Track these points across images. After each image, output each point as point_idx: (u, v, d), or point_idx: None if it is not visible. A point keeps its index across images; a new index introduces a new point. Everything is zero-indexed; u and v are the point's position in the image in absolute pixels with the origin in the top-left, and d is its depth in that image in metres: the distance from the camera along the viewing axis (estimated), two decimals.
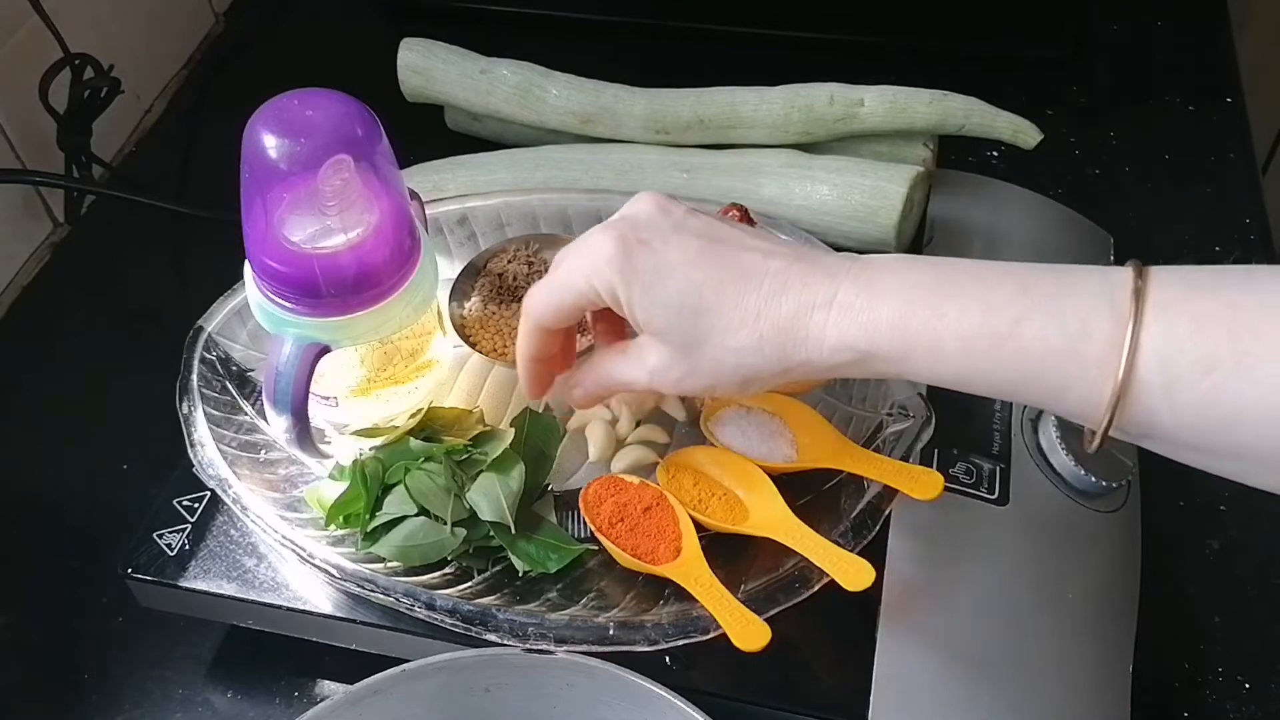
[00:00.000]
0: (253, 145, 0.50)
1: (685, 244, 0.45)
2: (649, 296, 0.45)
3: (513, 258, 0.66)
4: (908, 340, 0.41)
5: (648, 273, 0.44)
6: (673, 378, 0.47)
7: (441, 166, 0.75)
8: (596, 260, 0.45)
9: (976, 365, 0.40)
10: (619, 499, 0.55)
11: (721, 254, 0.44)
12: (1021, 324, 0.39)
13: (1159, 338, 0.37)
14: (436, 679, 0.50)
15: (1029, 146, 0.70)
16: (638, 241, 0.45)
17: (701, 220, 0.46)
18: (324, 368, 0.55)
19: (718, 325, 0.44)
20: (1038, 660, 0.52)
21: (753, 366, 0.44)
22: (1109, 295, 0.38)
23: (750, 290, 0.43)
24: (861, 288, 0.42)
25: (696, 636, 0.50)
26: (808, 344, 0.43)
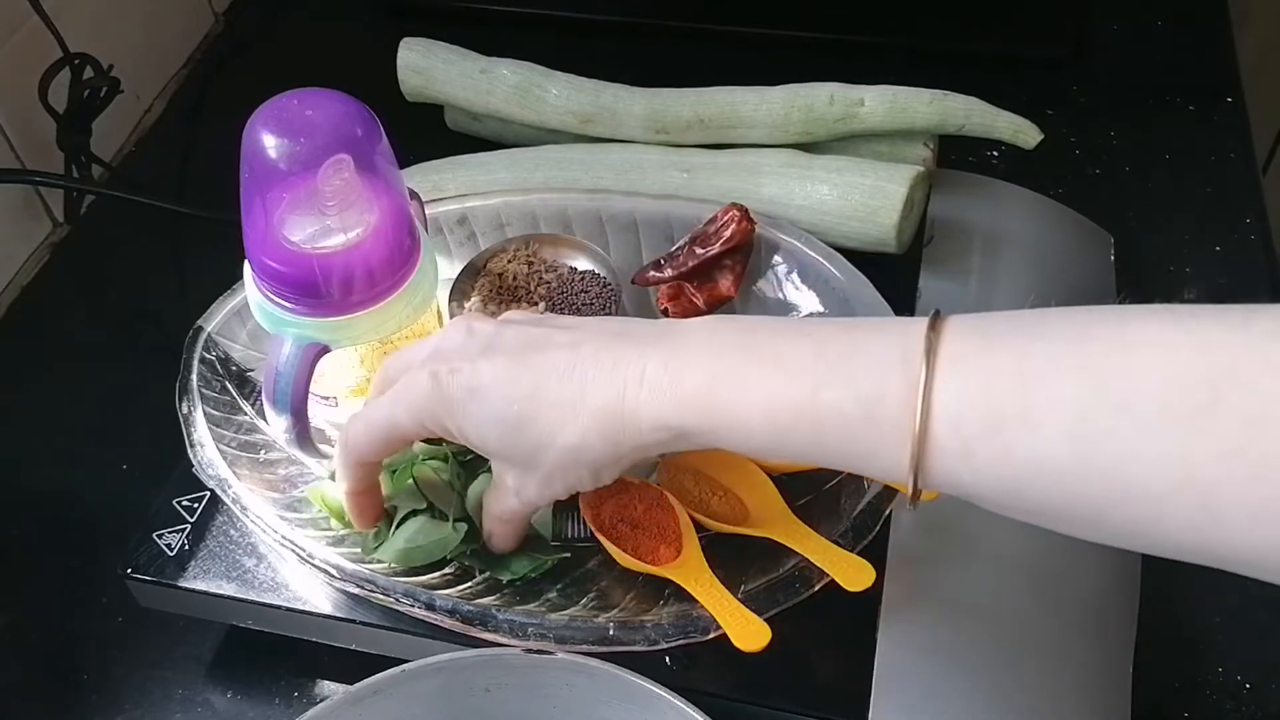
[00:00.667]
0: (252, 145, 0.50)
1: (494, 363, 0.45)
2: (473, 423, 0.46)
3: (513, 258, 0.66)
4: (715, 417, 0.41)
5: (465, 401, 0.45)
6: (532, 491, 0.48)
7: (441, 166, 0.75)
8: (416, 398, 0.46)
9: (783, 438, 0.40)
10: (619, 499, 0.55)
11: (530, 361, 0.45)
12: (817, 393, 0.39)
13: (950, 398, 0.37)
14: (436, 679, 0.50)
15: (1029, 146, 0.70)
16: (449, 372, 0.46)
17: (513, 330, 0.47)
18: (324, 368, 0.55)
19: (544, 431, 0.44)
20: (1038, 660, 0.52)
21: (592, 459, 0.45)
22: (901, 354, 0.38)
23: (564, 386, 0.44)
24: (669, 358, 0.42)
25: (696, 636, 0.50)
26: (627, 429, 0.43)
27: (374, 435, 0.49)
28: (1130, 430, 0.33)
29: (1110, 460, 0.34)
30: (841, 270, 0.62)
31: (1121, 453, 0.34)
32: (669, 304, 0.65)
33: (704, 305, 0.64)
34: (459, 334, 0.48)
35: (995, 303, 0.65)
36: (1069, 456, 0.35)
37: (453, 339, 0.48)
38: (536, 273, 0.66)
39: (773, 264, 0.65)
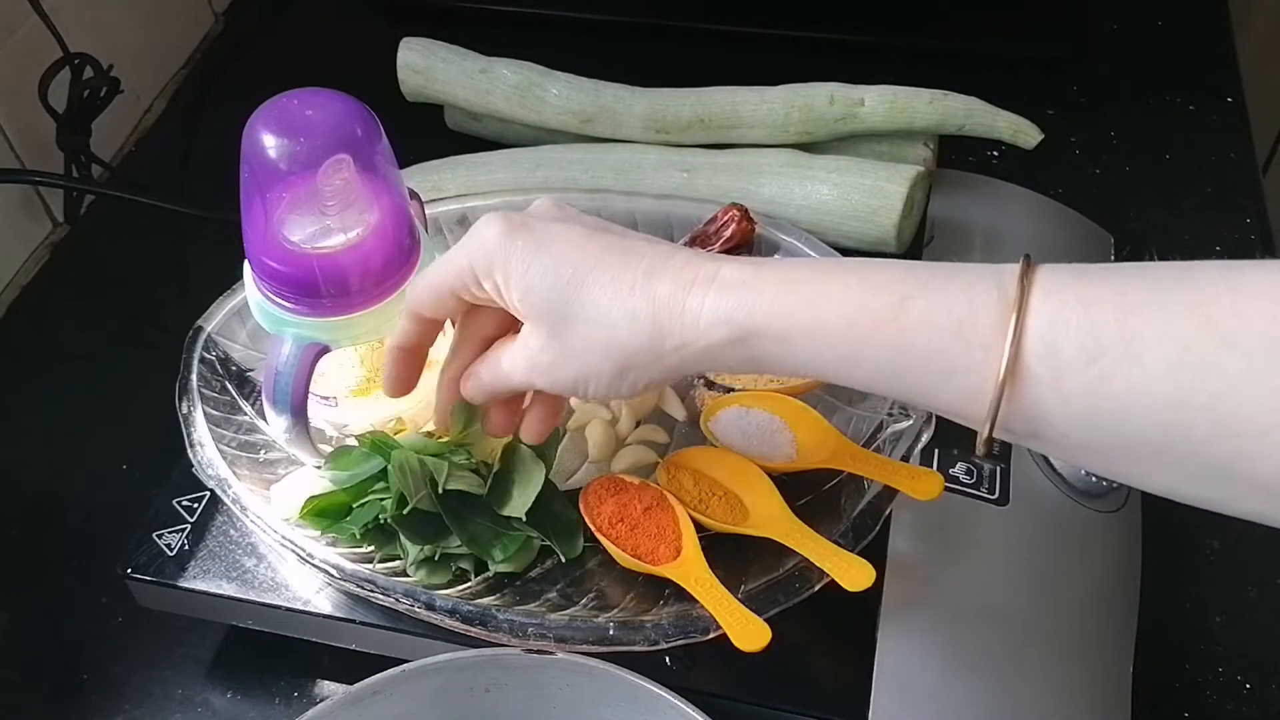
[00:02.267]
0: (252, 145, 0.50)
1: (568, 229, 0.44)
2: (524, 272, 0.43)
3: None
4: (790, 318, 0.39)
5: (526, 250, 0.43)
6: (545, 363, 0.45)
7: (441, 166, 0.75)
8: (478, 240, 0.45)
9: (860, 347, 0.38)
10: (619, 499, 0.55)
11: (603, 238, 0.43)
12: (907, 303, 0.38)
13: (1045, 322, 0.36)
14: (436, 679, 0.50)
15: (1029, 146, 0.70)
16: (522, 225, 0.44)
17: (595, 220, 0.45)
18: (324, 368, 0.55)
19: (589, 299, 0.42)
20: (1038, 660, 0.52)
21: (624, 346, 0.42)
22: (997, 280, 0.37)
23: (628, 267, 0.42)
24: (745, 268, 0.41)
25: (696, 636, 0.50)
26: (684, 320, 0.41)
27: (434, 282, 0.47)
28: (1237, 365, 0.33)
29: (1213, 394, 0.33)
30: None
31: (1225, 387, 0.33)
32: None
33: None
34: (546, 202, 0.47)
35: None
36: (1170, 389, 0.34)
37: (539, 204, 0.47)
38: None
39: None
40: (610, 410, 0.61)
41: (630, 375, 0.43)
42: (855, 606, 0.50)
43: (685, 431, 0.60)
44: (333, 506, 0.55)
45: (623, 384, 0.44)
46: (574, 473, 0.59)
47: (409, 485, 0.53)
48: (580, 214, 0.46)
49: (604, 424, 0.60)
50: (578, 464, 0.60)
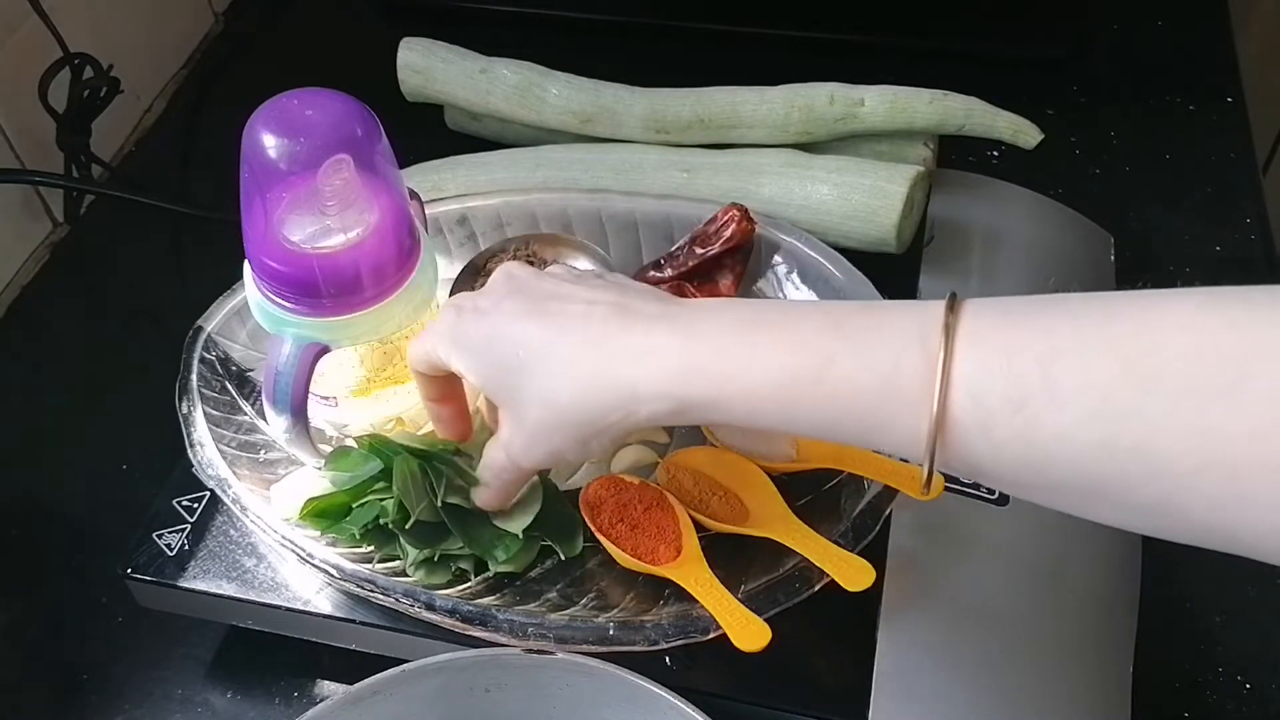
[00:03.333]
0: (252, 145, 0.50)
1: (514, 306, 0.45)
2: (477, 361, 0.46)
3: (512, 257, 0.66)
4: (721, 387, 0.40)
5: (475, 339, 0.46)
6: (517, 446, 0.47)
7: (441, 166, 0.75)
8: (436, 331, 0.48)
9: (793, 409, 0.39)
10: (619, 499, 0.55)
11: (546, 309, 0.45)
12: (832, 365, 0.38)
13: (970, 373, 0.36)
14: (436, 679, 0.50)
15: (1029, 146, 0.70)
16: (472, 310, 0.47)
17: (548, 283, 0.46)
18: (324, 368, 0.55)
19: (536, 381, 0.44)
20: (1038, 660, 0.52)
21: (575, 422, 0.44)
22: (919, 330, 0.37)
23: (566, 341, 0.43)
24: (677, 331, 0.42)
25: (696, 636, 0.50)
26: (621, 394, 0.42)
27: (413, 357, 0.51)
28: (1158, 408, 0.33)
29: (1137, 438, 0.33)
30: (841, 270, 0.62)
31: (1148, 430, 0.33)
32: None
33: None
34: (500, 275, 0.48)
35: None
36: (1094, 433, 0.34)
37: (494, 278, 0.48)
38: None
39: (773, 264, 0.65)
40: None
41: (593, 442, 0.45)
42: (855, 606, 0.50)
43: (685, 431, 0.60)
44: (333, 507, 0.55)
45: (590, 449, 0.46)
46: (574, 473, 0.59)
47: (410, 498, 0.53)
48: (531, 277, 0.47)
49: None
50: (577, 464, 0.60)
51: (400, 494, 0.53)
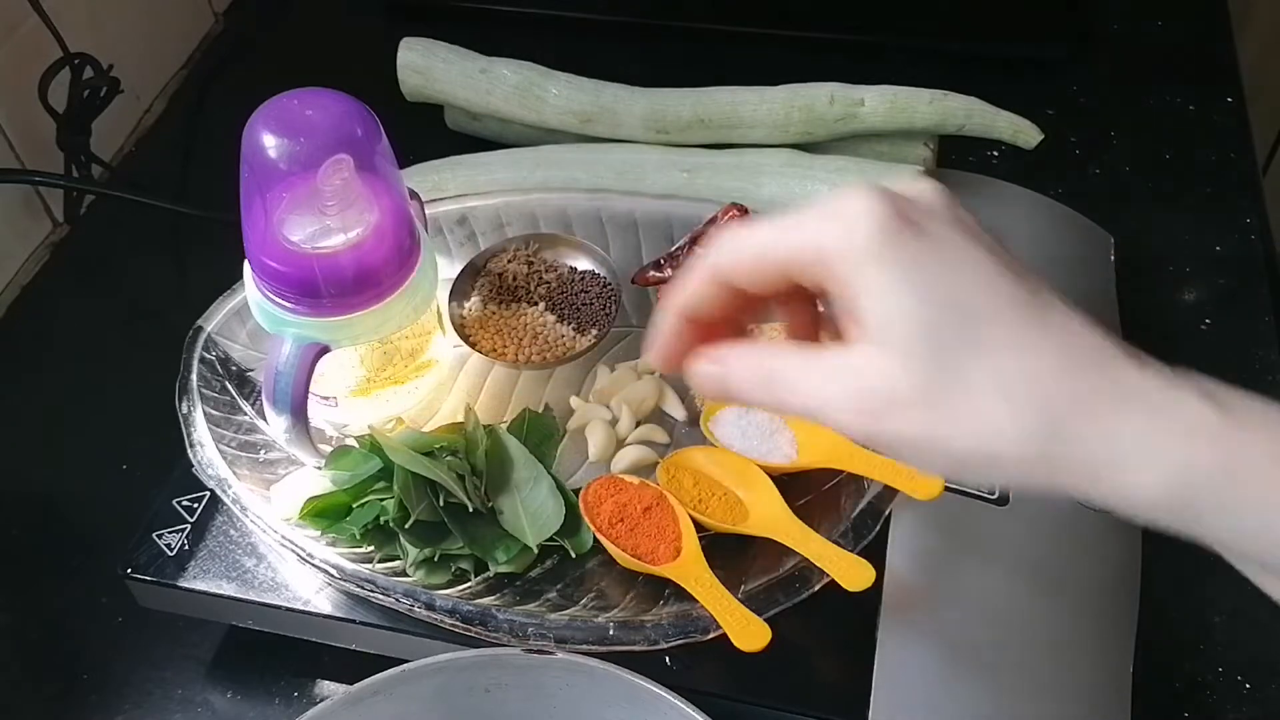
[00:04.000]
0: (252, 145, 0.50)
1: (970, 245, 0.33)
2: (897, 293, 0.32)
3: (513, 258, 0.66)
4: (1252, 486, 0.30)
5: (912, 259, 0.32)
6: (892, 415, 0.32)
7: (441, 166, 0.75)
8: (842, 222, 0.32)
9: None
10: (619, 499, 0.55)
11: (1010, 280, 0.32)
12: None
13: None
14: (436, 679, 0.50)
15: (1029, 146, 0.70)
16: (912, 223, 0.32)
17: (994, 242, 0.33)
18: (324, 368, 0.55)
19: (976, 366, 0.31)
20: (1038, 660, 0.52)
21: (998, 446, 0.31)
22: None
23: (1039, 335, 0.31)
24: (1209, 407, 0.31)
25: (696, 636, 0.50)
26: (1094, 446, 0.30)
27: (754, 245, 0.35)
28: None
29: None
30: None
31: None
32: None
33: None
34: (933, 191, 0.34)
35: None
36: None
37: (924, 190, 0.34)
38: (536, 273, 0.66)
39: None
40: (610, 410, 0.61)
41: (995, 471, 0.32)
42: (855, 606, 0.50)
43: (685, 431, 0.60)
44: (333, 507, 0.55)
45: (968, 472, 0.33)
46: (574, 473, 0.59)
47: (410, 497, 0.53)
48: (977, 225, 0.34)
49: (604, 424, 0.60)
50: (578, 464, 0.60)
51: (400, 494, 0.53)
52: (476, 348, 0.63)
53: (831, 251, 0.33)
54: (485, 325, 0.64)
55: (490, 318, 0.64)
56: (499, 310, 0.64)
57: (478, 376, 0.64)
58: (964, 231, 0.33)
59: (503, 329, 0.63)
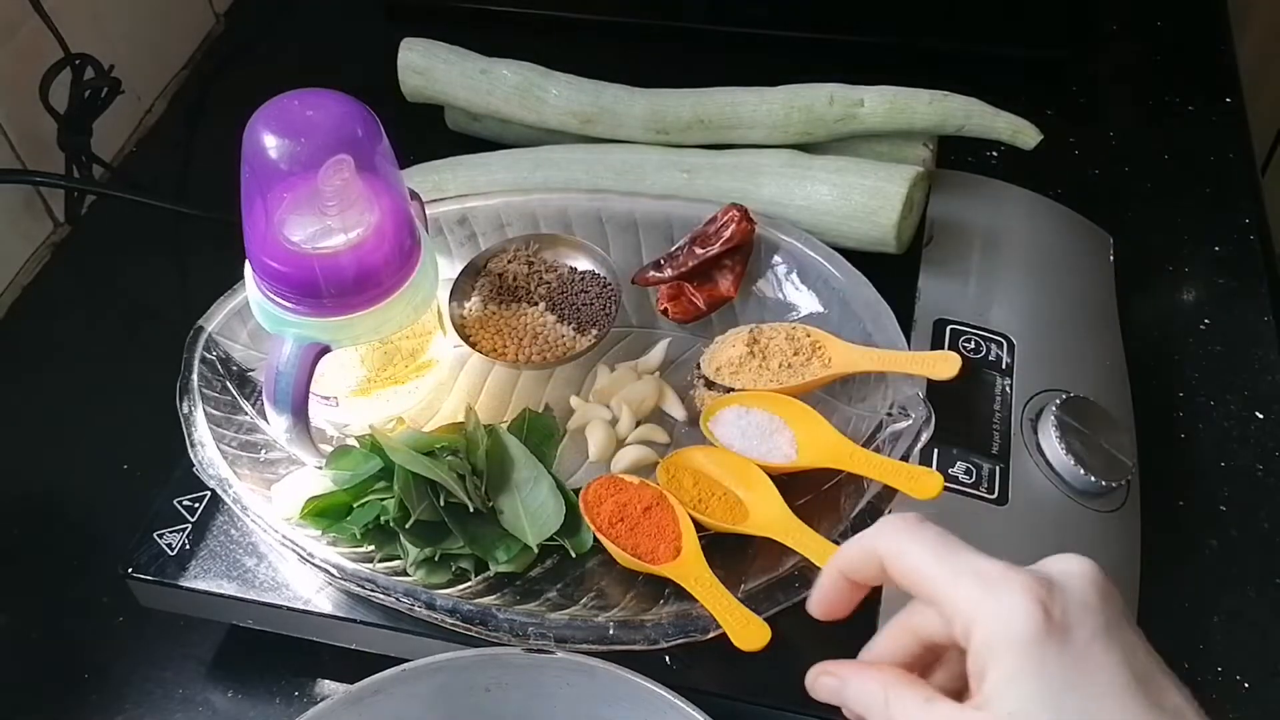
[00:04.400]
0: (253, 145, 0.50)
1: (1110, 657, 0.35)
2: (1037, 699, 0.34)
3: (513, 258, 0.66)
4: None
5: (1053, 673, 0.34)
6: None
7: (441, 166, 0.75)
8: (1005, 613, 0.35)
9: None
10: (619, 498, 0.55)
11: (1150, 684, 0.35)
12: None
13: None
14: (436, 679, 0.50)
15: (1029, 147, 0.70)
16: (1058, 627, 0.35)
17: (1132, 634, 0.36)
18: (324, 368, 0.55)
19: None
20: None
21: None
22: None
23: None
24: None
25: (696, 636, 0.50)
26: None
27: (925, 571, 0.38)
28: None
29: None
30: (841, 270, 0.62)
31: None
32: (669, 304, 0.65)
33: (704, 305, 0.64)
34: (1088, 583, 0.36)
35: (995, 302, 0.65)
36: None
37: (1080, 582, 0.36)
38: (537, 273, 0.66)
39: (772, 264, 0.65)
40: (610, 410, 0.61)
41: None
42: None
43: (685, 431, 0.60)
44: (333, 506, 0.55)
45: None
46: (574, 473, 0.59)
47: (411, 497, 0.53)
48: (1122, 613, 0.36)
49: (604, 424, 0.60)
50: (578, 464, 0.60)
51: (401, 493, 0.53)
52: (477, 348, 0.63)
53: (982, 629, 0.36)
54: (485, 325, 0.64)
55: (490, 318, 0.64)
56: (499, 310, 0.64)
57: (478, 376, 0.64)
58: (1107, 639, 0.35)
59: (503, 329, 0.63)
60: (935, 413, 0.55)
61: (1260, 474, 0.65)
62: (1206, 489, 0.64)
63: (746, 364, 0.60)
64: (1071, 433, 0.57)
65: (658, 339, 0.65)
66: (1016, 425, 0.59)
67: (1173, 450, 0.66)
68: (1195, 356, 0.71)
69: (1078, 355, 0.64)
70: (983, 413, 0.59)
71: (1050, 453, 0.58)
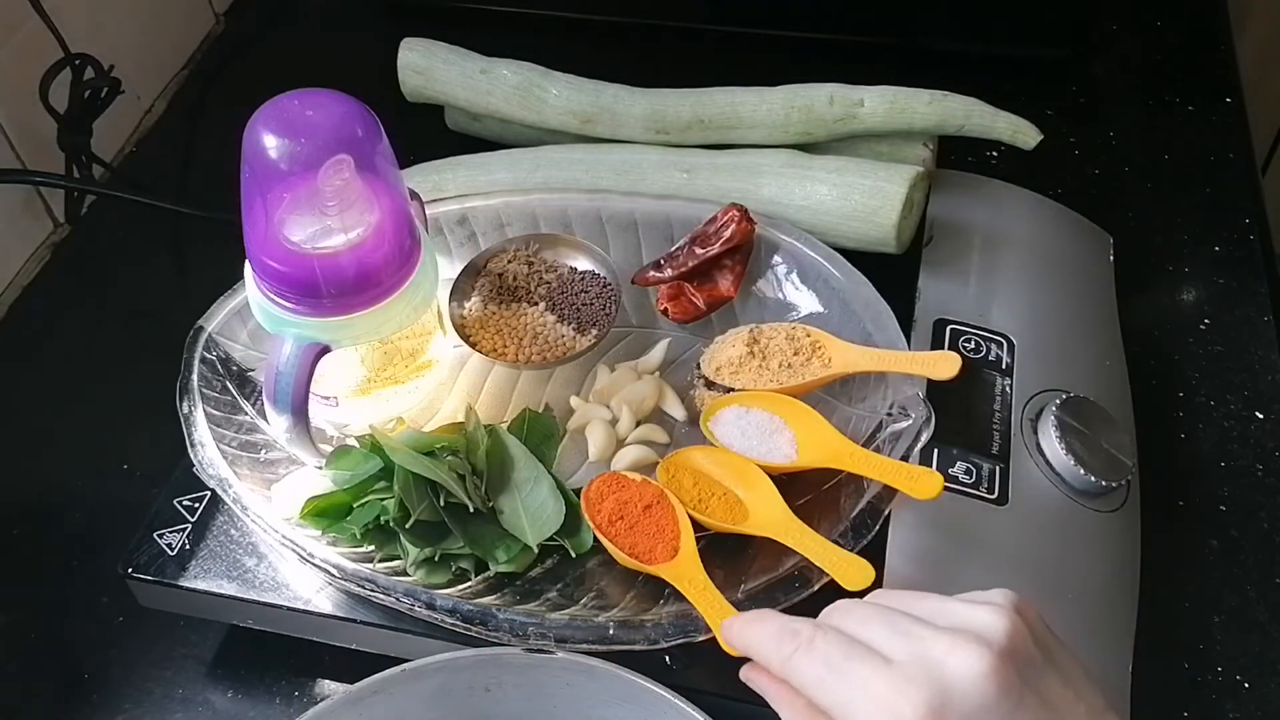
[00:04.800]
0: (253, 145, 0.50)
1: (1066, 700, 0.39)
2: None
3: (513, 258, 0.66)
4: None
5: None
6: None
7: (441, 166, 0.75)
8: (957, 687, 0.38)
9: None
10: (620, 496, 0.55)
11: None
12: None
13: None
14: (436, 679, 0.50)
15: (1029, 147, 0.70)
16: (1021, 689, 0.38)
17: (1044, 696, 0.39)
18: (324, 368, 0.55)
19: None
20: None
21: None
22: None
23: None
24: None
25: (696, 636, 0.50)
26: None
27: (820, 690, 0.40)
28: None
29: None
30: (841, 270, 0.62)
31: None
32: (669, 304, 0.65)
33: (704, 305, 0.64)
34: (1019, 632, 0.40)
35: (995, 302, 0.65)
36: None
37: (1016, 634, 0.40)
38: (536, 273, 0.66)
39: (772, 264, 0.65)
40: (610, 410, 0.61)
41: None
42: None
43: (685, 431, 0.60)
44: (333, 506, 0.55)
45: None
46: (574, 473, 0.59)
47: (411, 497, 0.53)
48: (1057, 645, 0.41)
49: (604, 424, 0.60)
50: (578, 464, 0.60)
51: (401, 493, 0.53)
52: (477, 348, 0.63)
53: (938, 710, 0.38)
54: (485, 325, 0.64)
55: (490, 318, 0.64)
56: (499, 310, 0.64)
57: (478, 376, 0.64)
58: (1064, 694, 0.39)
59: (503, 329, 0.63)
60: (935, 413, 0.55)
61: (1260, 474, 0.65)
62: (1206, 489, 0.64)
63: (746, 364, 0.60)
64: (1071, 433, 0.57)
65: (658, 339, 0.65)
66: (1016, 425, 0.59)
67: (1173, 450, 0.66)
68: (1195, 356, 0.71)
69: (1078, 355, 0.64)
70: (983, 413, 0.59)
71: (1050, 453, 0.58)
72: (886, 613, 0.41)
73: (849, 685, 0.39)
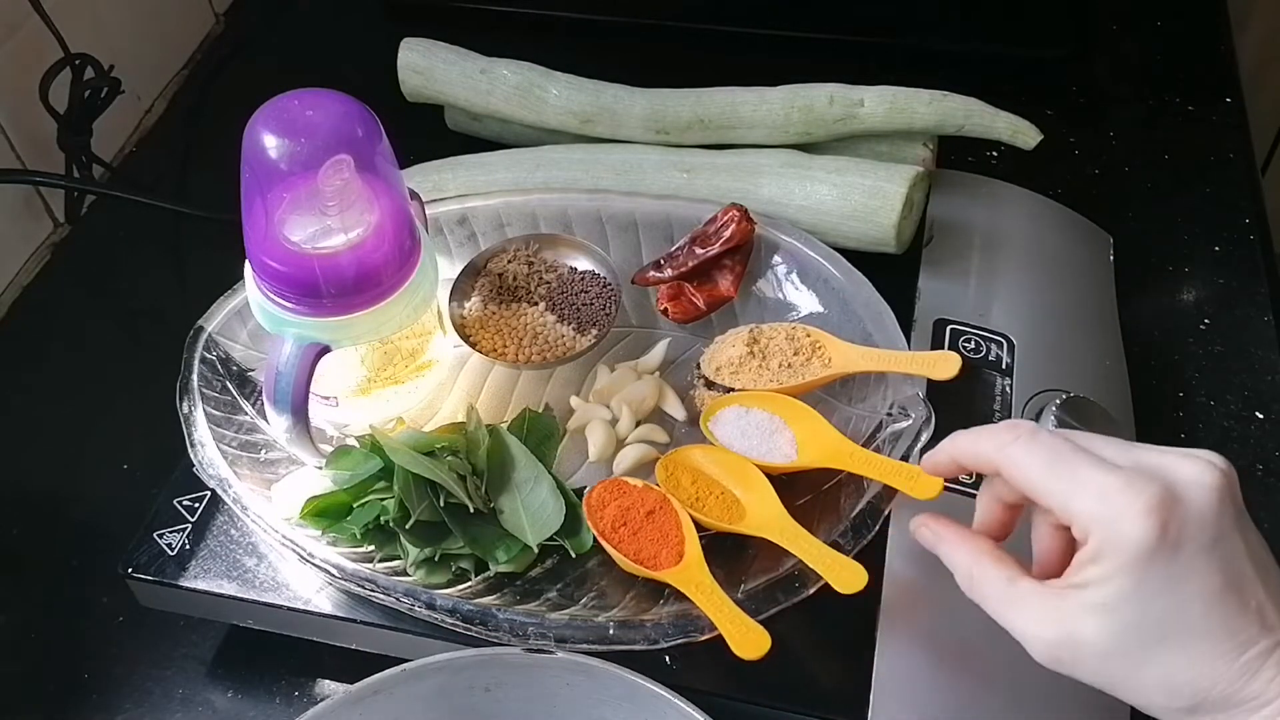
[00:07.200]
0: (253, 145, 0.50)
1: (1210, 574, 0.38)
2: (1135, 602, 0.39)
3: (513, 258, 0.66)
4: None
5: (1158, 581, 0.38)
6: (1071, 662, 0.41)
7: (441, 166, 0.75)
8: (1122, 520, 0.39)
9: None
10: (622, 502, 0.55)
11: (1230, 603, 0.38)
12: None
13: None
14: (436, 679, 0.50)
15: (1029, 147, 0.70)
16: (1170, 542, 0.38)
17: (1248, 541, 0.40)
18: (324, 368, 0.55)
19: (1166, 668, 0.39)
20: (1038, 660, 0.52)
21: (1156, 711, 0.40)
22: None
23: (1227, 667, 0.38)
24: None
25: (696, 636, 0.50)
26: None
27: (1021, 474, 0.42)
28: None
29: None
30: (841, 270, 0.62)
31: None
32: (669, 304, 0.65)
33: (704, 305, 0.64)
34: (1214, 493, 0.39)
35: (995, 303, 0.65)
36: None
37: (1205, 494, 0.39)
38: (536, 273, 0.66)
39: (772, 264, 0.65)
40: (610, 410, 0.61)
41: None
42: (855, 606, 0.50)
43: (685, 431, 0.60)
44: (333, 506, 0.55)
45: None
46: (574, 473, 0.59)
47: (411, 497, 0.53)
48: (1236, 519, 0.40)
49: (604, 424, 0.60)
50: (578, 464, 0.60)
51: (401, 493, 0.53)
52: (477, 348, 0.63)
53: (1097, 539, 0.39)
54: (485, 325, 0.64)
55: (490, 318, 0.64)
56: (499, 310, 0.64)
57: (478, 376, 0.64)
58: (1211, 550, 0.39)
59: (503, 329, 0.63)
60: (935, 413, 0.55)
61: (1260, 474, 0.65)
62: None
63: (746, 364, 0.60)
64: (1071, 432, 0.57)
65: (658, 339, 0.65)
66: None
67: None
68: (1195, 356, 0.71)
69: (1078, 355, 0.64)
70: (983, 413, 0.59)
71: None
72: (1101, 436, 0.42)
73: (1073, 475, 0.40)
